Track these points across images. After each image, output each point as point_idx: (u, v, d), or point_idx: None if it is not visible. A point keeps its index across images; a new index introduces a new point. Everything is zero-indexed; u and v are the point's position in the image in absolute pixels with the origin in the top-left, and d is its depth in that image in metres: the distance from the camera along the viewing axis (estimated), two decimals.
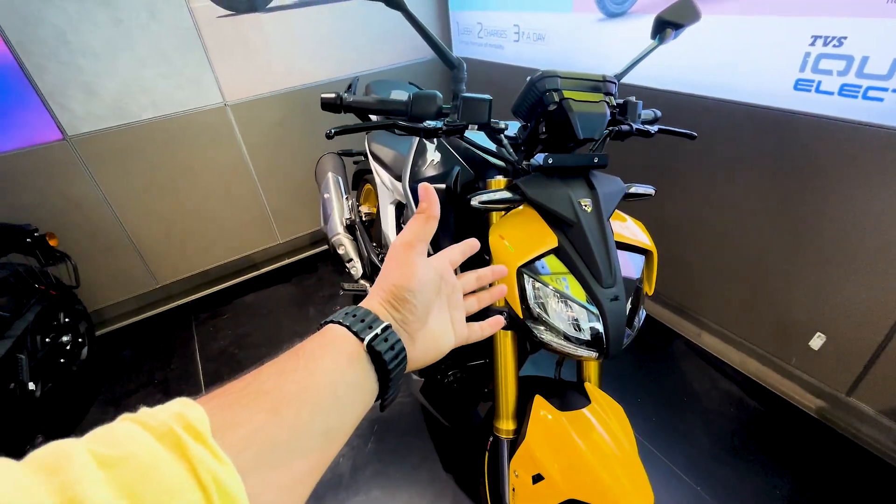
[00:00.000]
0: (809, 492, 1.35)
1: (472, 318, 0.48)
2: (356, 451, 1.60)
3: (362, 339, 0.35)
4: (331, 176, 2.00)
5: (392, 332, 0.37)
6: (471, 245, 0.48)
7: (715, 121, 1.46)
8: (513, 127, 0.96)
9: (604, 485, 0.79)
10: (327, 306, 2.31)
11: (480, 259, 1.03)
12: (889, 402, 1.36)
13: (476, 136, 0.87)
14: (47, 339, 1.66)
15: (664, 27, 1.01)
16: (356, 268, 1.87)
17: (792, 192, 1.37)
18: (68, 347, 1.76)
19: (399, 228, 1.64)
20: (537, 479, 0.87)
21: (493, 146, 0.90)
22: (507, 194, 0.82)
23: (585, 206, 0.81)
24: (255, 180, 2.41)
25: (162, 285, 2.38)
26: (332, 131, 0.78)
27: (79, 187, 1.97)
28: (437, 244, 1.01)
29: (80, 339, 1.84)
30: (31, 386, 1.46)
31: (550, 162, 0.82)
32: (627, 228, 0.89)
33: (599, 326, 0.78)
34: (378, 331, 0.36)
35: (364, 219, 1.99)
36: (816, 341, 1.46)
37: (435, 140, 1.10)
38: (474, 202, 0.81)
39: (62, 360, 1.72)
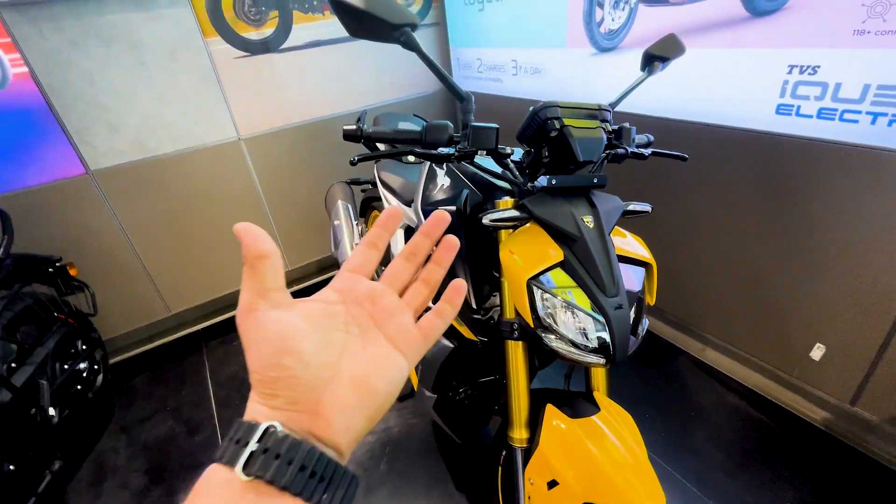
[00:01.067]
0: (818, 502, 1.36)
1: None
2: (369, 472, 1.61)
3: (234, 467, 0.25)
4: (341, 204, 2.08)
5: (277, 434, 0.26)
6: (415, 246, 0.39)
7: (705, 144, 1.55)
8: (517, 152, 1.04)
9: (617, 488, 0.82)
10: None
11: (490, 275, 1.10)
12: (892, 410, 1.39)
13: (483, 161, 0.95)
14: (66, 367, 1.70)
15: (652, 61, 1.11)
16: None
17: (781, 209, 1.44)
18: (85, 375, 1.79)
19: None
20: (552, 484, 0.90)
21: (497, 170, 0.97)
22: (515, 213, 0.89)
23: (588, 222, 0.87)
24: (265, 209, 2.50)
25: (174, 313, 2.42)
26: (356, 158, 0.86)
27: (98, 218, 2.05)
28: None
29: (95, 367, 1.87)
30: (52, 412, 1.49)
31: (554, 183, 0.89)
32: (628, 243, 0.96)
33: (605, 335, 0.83)
34: (254, 446, 0.26)
35: None
36: (817, 352, 1.50)
37: (444, 166, 1.19)
38: (485, 221, 0.88)
39: (79, 387, 1.75)
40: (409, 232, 1.72)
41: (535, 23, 2.01)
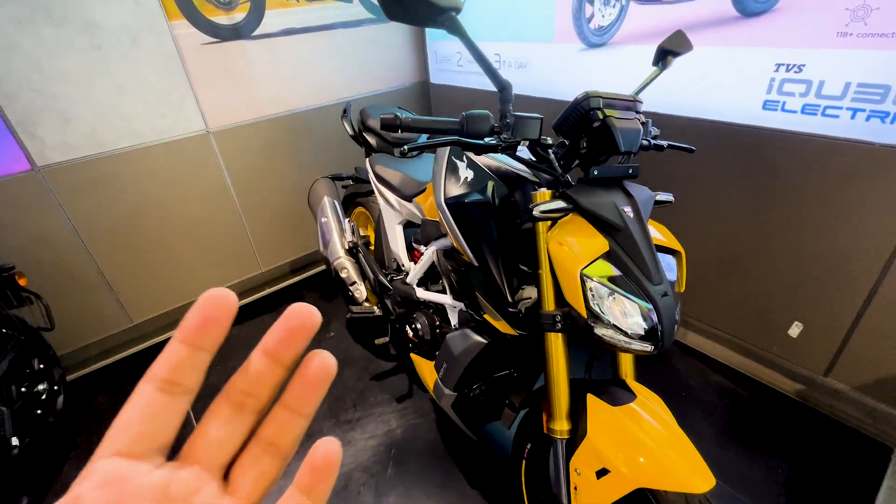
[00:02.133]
0: (803, 469, 1.48)
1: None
2: (376, 478, 1.56)
3: None
4: (327, 200, 1.99)
5: None
6: (250, 377, 0.25)
7: (692, 137, 1.63)
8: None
9: (670, 471, 0.85)
10: (321, 333, 2.25)
11: (516, 268, 1.08)
12: (860, 379, 1.54)
13: (498, 154, 0.94)
14: (23, 389, 1.49)
15: (665, 55, 1.15)
16: (360, 290, 1.86)
17: (764, 196, 1.55)
18: (44, 397, 1.59)
19: (409, 248, 1.67)
20: (602, 473, 0.91)
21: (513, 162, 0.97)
22: (562, 203, 0.88)
23: (628, 212, 0.89)
24: (237, 209, 2.34)
25: (136, 324, 2.21)
26: (406, 149, 0.82)
27: (48, 221, 1.82)
28: (481, 255, 1.05)
29: (55, 388, 1.67)
30: (14, 441, 1.30)
31: (596, 173, 0.90)
32: (659, 232, 0.99)
33: (653, 321, 0.85)
34: None
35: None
36: (795, 330, 1.63)
37: (465, 158, 1.16)
38: (536, 212, 0.87)
39: (39, 412, 1.55)
40: (410, 227, 1.68)
41: (521, 16, 2.02)
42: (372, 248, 2.04)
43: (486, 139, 0.88)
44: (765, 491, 1.42)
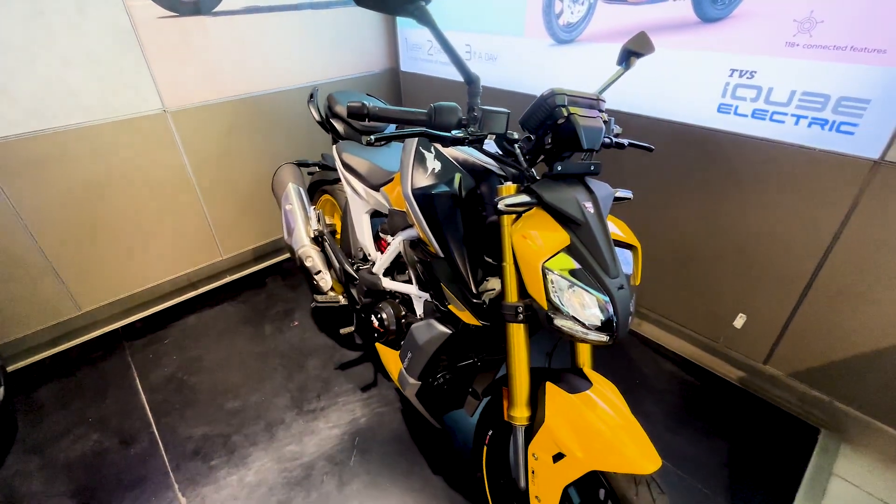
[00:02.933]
0: (742, 449, 1.60)
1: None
2: (340, 466, 1.56)
3: None
4: (292, 187, 1.95)
5: None
6: None
7: (652, 136, 1.70)
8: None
9: (620, 454, 0.89)
10: (284, 322, 2.21)
11: (481, 260, 1.10)
12: (794, 367, 1.67)
13: (466, 147, 0.95)
14: None
15: (629, 56, 1.18)
16: (325, 280, 1.84)
17: (715, 195, 1.64)
18: None
19: (376, 237, 1.66)
20: (558, 457, 0.95)
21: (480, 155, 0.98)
22: (527, 198, 0.90)
23: (588, 207, 0.92)
24: (197, 193, 2.24)
25: (85, 311, 2.10)
26: (373, 139, 0.81)
27: None
28: (446, 247, 1.07)
29: None
30: None
31: (560, 169, 0.93)
32: (619, 227, 1.03)
33: (609, 312, 0.89)
34: None
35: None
36: (739, 321, 1.74)
37: (433, 149, 1.16)
38: (500, 206, 0.89)
39: None
40: (377, 216, 1.67)
41: (492, 8, 2.02)
42: (338, 236, 2.02)
43: (454, 132, 0.88)
44: (708, 471, 1.52)
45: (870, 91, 1.20)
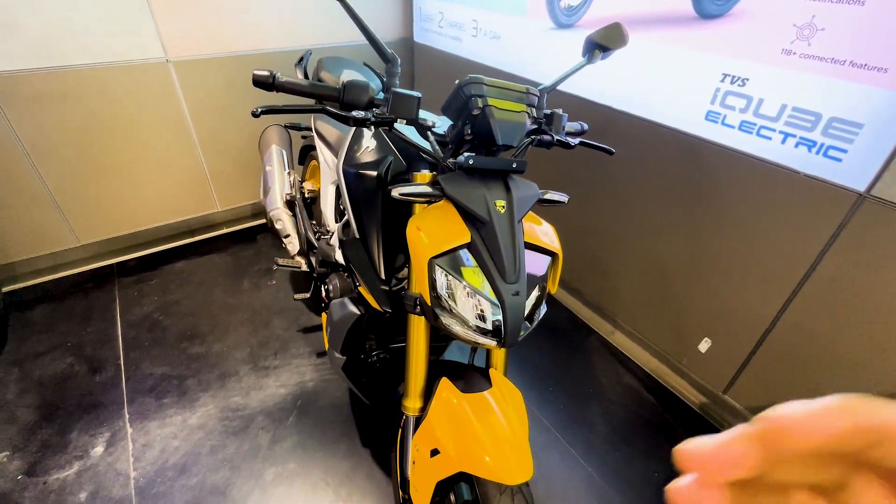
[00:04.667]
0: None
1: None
2: (277, 423, 1.62)
3: None
4: (274, 148, 1.97)
5: None
6: None
7: (640, 138, 1.59)
8: (444, 124, 1.01)
9: (489, 461, 0.88)
10: (262, 280, 2.28)
11: (403, 246, 1.08)
12: (753, 401, 1.57)
13: (408, 129, 0.92)
14: None
15: (593, 48, 1.09)
16: (293, 244, 1.87)
17: (694, 209, 1.53)
18: None
19: (338, 211, 1.66)
20: (434, 453, 0.95)
21: (421, 141, 0.94)
22: (426, 189, 0.87)
23: (500, 207, 0.87)
24: (195, 143, 2.31)
25: (84, 244, 2.24)
26: (259, 110, 0.80)
27: None
28: (364, 230, 1.05)
29: None
30: None
31: (471, 163, 0.88)
32: (541, 231, 0.98)
33: (497, 318, 0.86)
34: None
35: (307, 196, 1.98)
36: (704, 345, 1.65)
37: (372, 128, 1.13)
38: (395, 193, 0.86)
39: None
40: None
41: None
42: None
43: (359, 112, 0.85)
44: (635, 492, 1.48)
45: (864, 115, 1.06)
